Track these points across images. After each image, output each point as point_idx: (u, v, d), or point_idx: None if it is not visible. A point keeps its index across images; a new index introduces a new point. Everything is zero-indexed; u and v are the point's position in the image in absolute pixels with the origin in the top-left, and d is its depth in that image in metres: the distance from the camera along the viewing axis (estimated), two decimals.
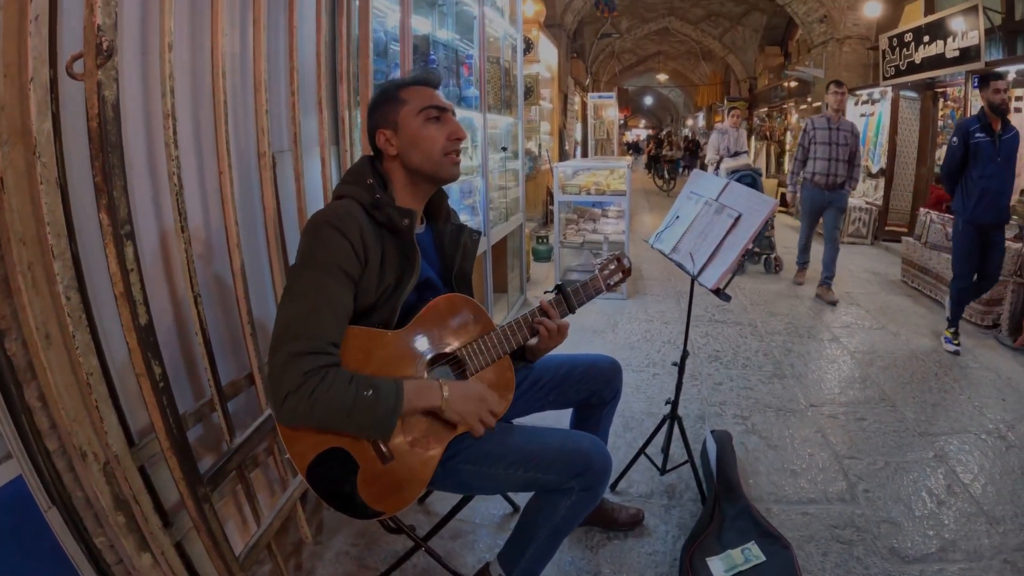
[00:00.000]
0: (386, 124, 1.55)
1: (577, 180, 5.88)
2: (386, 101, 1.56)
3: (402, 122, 1.54)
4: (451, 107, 1.59)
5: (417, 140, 1.53)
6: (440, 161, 1.55)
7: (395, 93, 1.56)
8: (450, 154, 1.56)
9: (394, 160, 1.57)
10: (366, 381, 1.35)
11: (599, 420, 2.06)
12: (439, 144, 1.54)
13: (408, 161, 1.55)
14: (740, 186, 2.33)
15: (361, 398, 1.32)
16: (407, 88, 1.57)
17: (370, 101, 1.62)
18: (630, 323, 4.91)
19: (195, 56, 1.84)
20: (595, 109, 15.61)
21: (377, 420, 1.35)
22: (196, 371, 1.88)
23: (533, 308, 1.72)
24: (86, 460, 1.39)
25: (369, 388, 1.34)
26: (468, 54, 3.89)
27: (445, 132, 1.55)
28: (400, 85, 1.58)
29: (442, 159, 1.55)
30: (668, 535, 2.29)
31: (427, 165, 1.55)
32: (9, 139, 1.21)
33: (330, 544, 2.21)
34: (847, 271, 6.77)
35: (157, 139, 1.68)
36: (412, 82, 1.59)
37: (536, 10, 8.60)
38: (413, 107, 1.54)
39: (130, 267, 1.32)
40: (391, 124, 1.55)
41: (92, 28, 1.22)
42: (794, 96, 13.31)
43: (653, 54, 22.52)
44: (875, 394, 3.52)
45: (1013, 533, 2.27)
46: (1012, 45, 6.46)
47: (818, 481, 2.62)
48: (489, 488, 1.77)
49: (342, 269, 1.38)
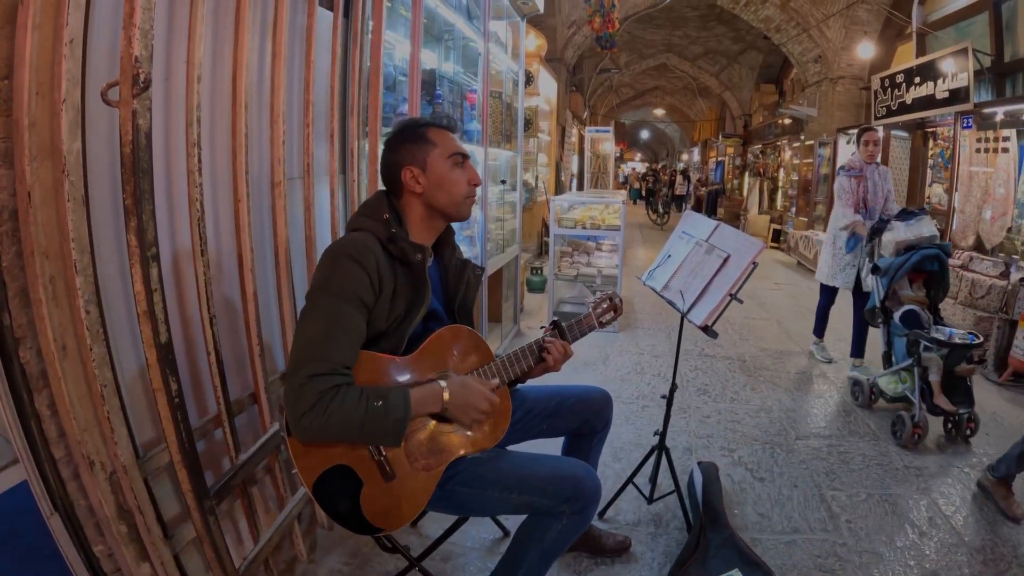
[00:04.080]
0: (414, 162, 1.63)
1: (573, 214, 5.98)
2: (415, 140, 1.65)
3: (431, 163, 1.63)
4: (469, 154, 1.71)
5: (444, 182, 1.63)
6: (461, 203, 1.67)
7: (424, 133, 1.65)
8: (469, 198, 1.68)
9: (415, 197, 1.65)
10: (375, 393, 1.43)
11: (589, 449, 2.12)
12: (462, 188, 1.66)
13: (433, 200, 1.65)
14: (730, 228, 2.43)
15: (372, 409, 1.40)
16: (435, 130, 1.66)
17: (391, 136, 1.70)
18: (621, 356, 4.98)
19: (215, 86, 1.92)
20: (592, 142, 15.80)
21: (388, 428, 1.43)
22: (202, 388, 1.93)
23: (531, 342, 1.80)
24: (94, 469, 1.44)
25: (379, 399, 1.42)
26: (472, 88, 4.00)
27: (467, 177, 1.67)
28: (426, 125, 1.68)
29: (463, 201, 1.67)
30: (654, 562, 2.34)
31: (451, 207, 1.66)
32: (39, 155, 1.27)
33: (324, 562, 2.25)
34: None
35: (175, 163, 1.74)
36: (437, 125, 1.68)
37: (538, 44, 8.78)
38: (443, 150, 1.64)
39: (154, 287, 1.39)
40: (420, 163, 1.63)
41: (130, 59, 1.29)
42: (788, 133, 13.54)
43: (651, 89, 22.86)
44: (860, 428, 3.59)
45: (993, 563, 2.33)
46: (1001, 87, 6.63)
47: (802, 512, 2.68)
48: (483, 510, 1.82)
49: (358, 297, 1.46)
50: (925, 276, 3.73)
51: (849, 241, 4.40)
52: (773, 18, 10.87)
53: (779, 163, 14.39)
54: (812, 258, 9.31)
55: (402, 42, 3.08)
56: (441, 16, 3.54)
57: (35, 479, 1.44)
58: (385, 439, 1.46)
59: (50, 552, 1.49)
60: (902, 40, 8.97)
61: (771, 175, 14.98)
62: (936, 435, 3.45)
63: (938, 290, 3.69)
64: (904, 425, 3.30)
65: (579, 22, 10.89)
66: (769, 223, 13.02)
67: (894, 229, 3.72)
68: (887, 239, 3.74)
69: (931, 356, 3.37)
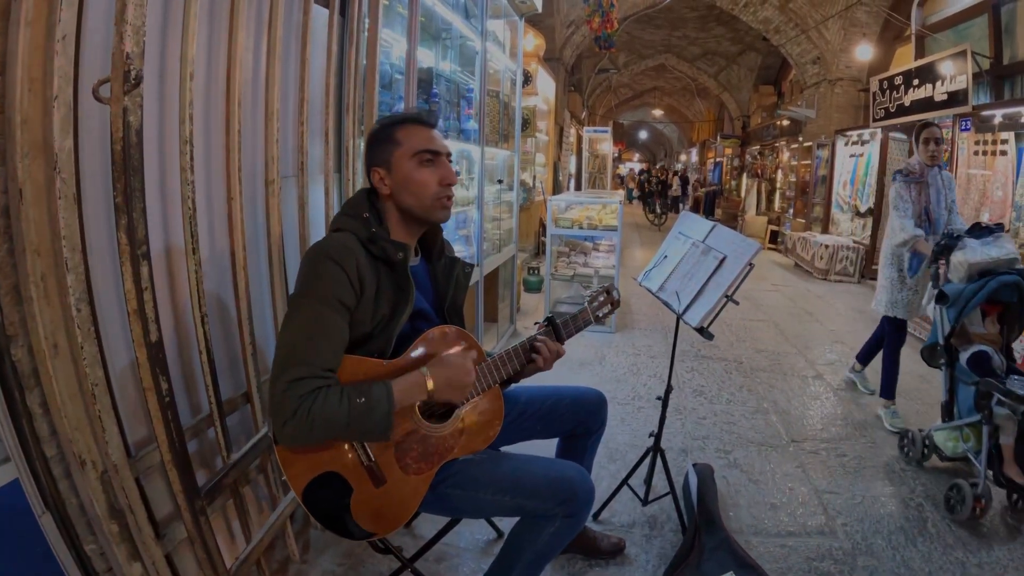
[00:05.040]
0: (380, 163, 1.59)
1: (570, 214, 5.98)
2: (382, 140, 1.60)
3: (395, 163, 1.58)
4: (446, 150, 1.63)
5: (409, 183, 1.57)
6: (430, 205, 1.59)
7: (390, 133, 1.60)
8: (441, 199, 1.60)
9: (388, 199, 1.61)
10: (356, 390, 1.40)
11: (584, 450, 2.11)
12: (431, 189, 1.58)
13: (399, 201, 1.60)
14: (727, 229, 2.42)
15: (355, 407, 1.38)
16: (404, 127, 1.60)
17: (367, 136, 1.67)
18: (617, 356, 4.97)
19: (209, 83, 1.91)
20: (590, 143, 15.80)
21: (374, 424, 1.40)
22: (194, 387, 1.92)
23: (523, 341, 1.76)
24: (85, 468, 1.43)
25: (360, 396, 1.39)
26: (469, 87, 3.99)
27: (437, 176, 1.59)
28: (396, 123, 1.62)
29: (433, 203, 1.59)
30: (648, 564, 2.33)
31: (418, 208, 1.59)
32: (30, 152, 1.27)
33: (317, 563, 2.24)
34: (834, 309, 6.89)
35: (168, 160, 1.74)
36: (409, 120, 1.63)
37: (536, 44, 8.78)
38: (408, 149, 1.57)
39: (144, 286, 1.38)
40: (384, 164, 1.59)
41: (121, 55, 1.28)
42: (786, 135, 13.56)
43: (649, 89, 22.88)
44: (856, 431, 3.59)
45: (989, 566, 2.33)
46: (999, 89, 6.64)
47: (797, 515, 2.68)
48: (476, 512, 1.81)
49: (339, 299, 1.43)
50: (1000, 308, 3.03)
51: (912, 261, 3.64)
52: (772, 19, 10.87)
53: (777, 164, 14.42)
54: (809, 259, 9.33)
55: (399, 40, 3.07)
56: (439, 14, 3.53)
57: (26, 477, 1.44)
58: (373, 435, 1.43)
59: (42, 551, 1.48)
60: (901, 42, 8.99)
61: (769, 176, 15.01)
62: (999, 504, 2.72)
63: (1013, 326, 3.01)
64: (963, 498, 2.59)
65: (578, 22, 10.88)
66: (767, 224, 13.04)
67: (966, 248, 2.97)
68: (957, 260, 2.98)
69: (1005, 413, 2.63)
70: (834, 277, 8.68)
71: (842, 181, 9.83)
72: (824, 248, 8.85)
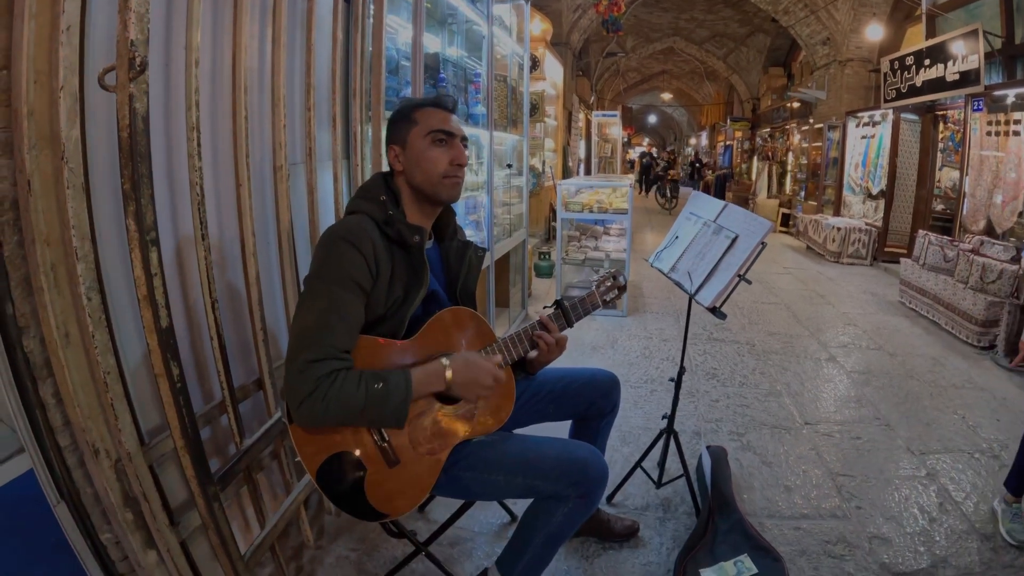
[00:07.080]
0: (397, 141, 1.63)
1: (580, 198, 5.95)
2: (401, 119, 1.64)
3: (411, 141, 1.61)
4: (461, 133, 1.66)
5: (420, 160, 1.60)
6: (439, 183, 1.61)
7: (410, 113, 1.63)
8: (450, 177, 1.62)
9: (401, 176, 1.64)
10: (374, 376, 1.42)
11: (597, 432, 2.10)
12: (441, 167, 1.60)
13: (411, 178, 1.62)
14: (738, 208, 2.39)
15: (372, 393, 1.39)
16: (422, 109, 1.63)
17: (390, 116, 1.69)
18: (629, 340, 4.96)
19: (215, 71, 1.90)
20: (599, 127, 15.72)
21: (390, 411, 1.42)
22: (206, 374, 1.93)
23: (533, 322, 1.78)
24: (98, 457, 1.44)
25: (379, 381, 1.41)
26: (476, 72, 3.96)
27: (449, 156, 1.61)
28: (417, 105, 1.65)
29: (441, 181, 1.61)
30: (662, 547, 2.33)
31: (427, 185, 1.61)
32: (38, 143, 1.27)
33: (331, 548, 2.25)
34: (846, 292, 6.84)
35: (176, 148, 1.74)
36: (428, 103, 1.65)
37: (543, 28, 8.71)
38: (423, 128, 1.60)
39: (154, 272, 1.38)
40: (400, 141, 1.63)
41: (125, 43, 1.27)
42: (796, 117, 13.44)
43: (658, 73, 22.71)
44: (870, 413, 3.56)
45: (1004, 550, 2.31)
46: (1012, 69, 6.55)
47: (811, 497, 2.66)
48: (489, 494, 1.81)
49: (355, 281, 1.45)
50: None
51: None
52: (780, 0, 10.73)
53: (788, 147, 14.29)
54: (821, 242, 9.26)
55: (405, 26, 3.05)
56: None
57: (41, 467, 1.45)
58: (387, 421, 1.45)
59: (57, 540, 1.50)
60: (911, 22, 8.85)
61: (780, 159, 14.89)
62: None
63: None
64: None
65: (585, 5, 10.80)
66: (778, 207, 12.93)
67: None
68: None
69: None
70: (846, 259, 8.62)
71: (853, 163, 9.72)
72: (836, 231, 8.77)
